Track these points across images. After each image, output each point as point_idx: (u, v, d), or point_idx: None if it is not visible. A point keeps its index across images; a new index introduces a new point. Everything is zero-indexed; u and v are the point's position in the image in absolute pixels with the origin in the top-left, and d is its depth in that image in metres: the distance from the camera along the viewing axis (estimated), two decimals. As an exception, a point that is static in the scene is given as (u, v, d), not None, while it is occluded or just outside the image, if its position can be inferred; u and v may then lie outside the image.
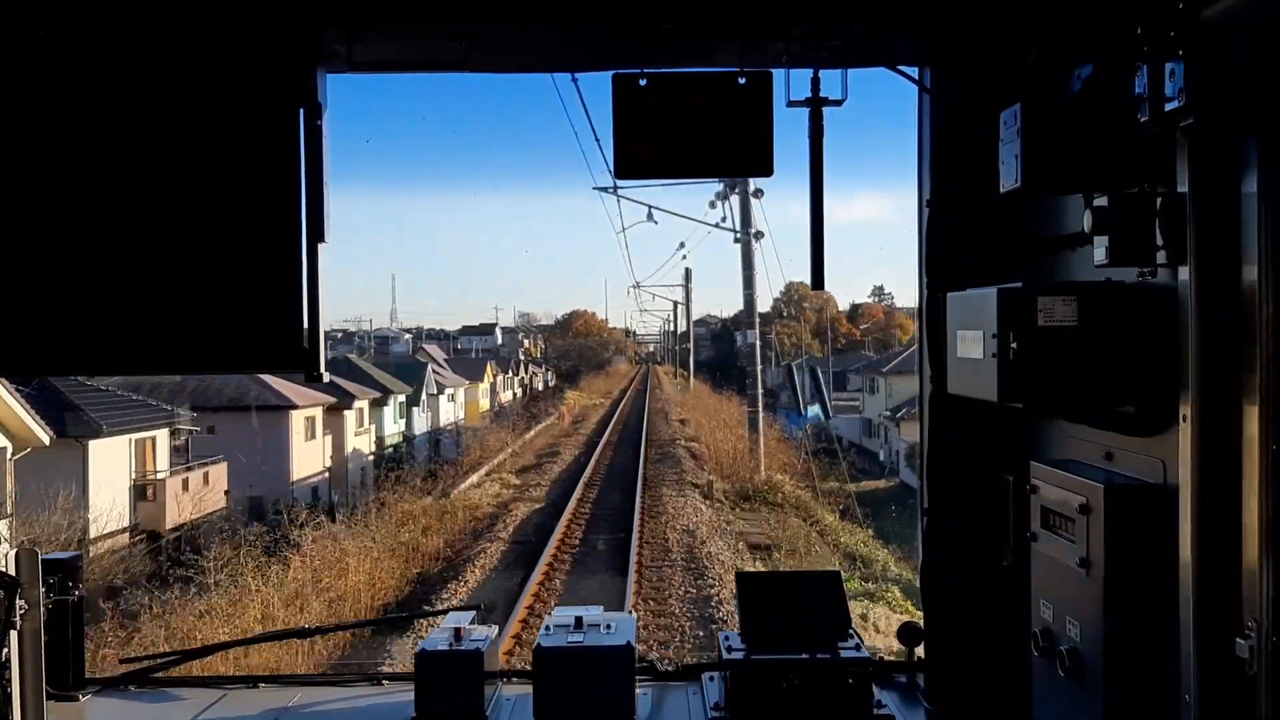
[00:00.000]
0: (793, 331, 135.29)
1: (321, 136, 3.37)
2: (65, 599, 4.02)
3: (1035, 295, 2.97)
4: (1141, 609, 2.87)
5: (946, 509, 3.92)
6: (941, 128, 3.87)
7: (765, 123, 3.68)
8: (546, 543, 24.04)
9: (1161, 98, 2.65)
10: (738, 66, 3.67)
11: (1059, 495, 3.19)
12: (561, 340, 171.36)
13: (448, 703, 3.71)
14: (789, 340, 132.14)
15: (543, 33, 3.61)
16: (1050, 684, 3.24)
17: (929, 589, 3.99)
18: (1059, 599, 3.20)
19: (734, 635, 3.85)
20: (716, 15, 3.45)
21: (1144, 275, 2.91)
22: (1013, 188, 3.10)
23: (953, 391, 3.47)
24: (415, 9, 3.38)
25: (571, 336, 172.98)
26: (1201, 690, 2.68)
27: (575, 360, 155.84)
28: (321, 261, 3.43)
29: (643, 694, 3.93)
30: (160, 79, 3.35)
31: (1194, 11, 2.58)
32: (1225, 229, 2.64)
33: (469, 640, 3.79)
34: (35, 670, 3.67)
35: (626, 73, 3.67)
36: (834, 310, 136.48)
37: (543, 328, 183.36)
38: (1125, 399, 2.97)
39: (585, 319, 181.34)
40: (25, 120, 3.31)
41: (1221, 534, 2.65)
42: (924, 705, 4.01)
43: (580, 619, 3.94)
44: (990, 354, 3.06)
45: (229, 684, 4.37)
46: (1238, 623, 2.62)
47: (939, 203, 3.86)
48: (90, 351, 3.43)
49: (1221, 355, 2.66)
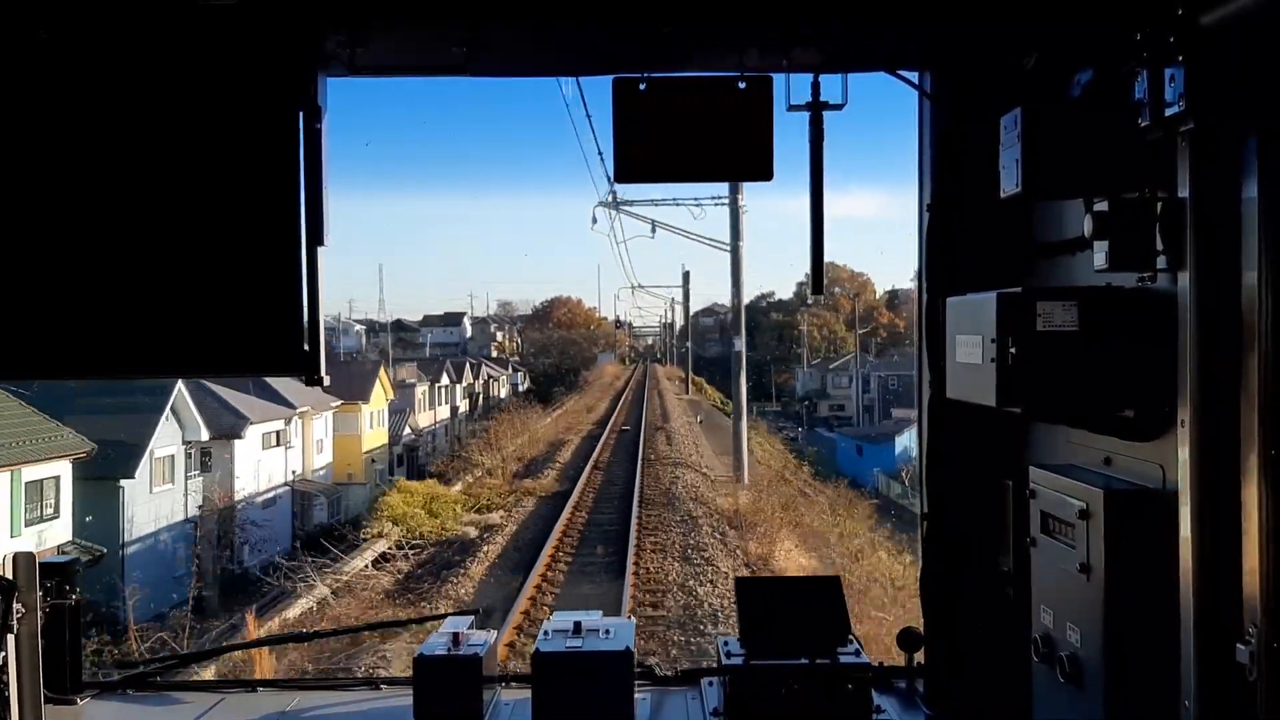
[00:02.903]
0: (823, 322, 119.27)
1: (321, 140, 3.39)
2: (62, 603, 4.05)
3: (1035, 300, 2.98)
4: (1141, 614, 2.88)
5: (946, 514, 3.93)
6: (941, 132, 3.89)
7: (765, 127, 3.70)
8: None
9: (1161, 102, 2.67)
10: (738, 70, 3.69)
11: (1058, 500, 3.19)
12: (539, 333, 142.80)
13: (446, 708, 3.73)
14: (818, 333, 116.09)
15: (543, 36, 3.64)
16: (1050, 689, 3.24)
17: (929, 594, 3.98)
18: (1059, 604, 3.21)
19: (733, 640, 3.84)
20: (717, 19, 3.47)
21: (1144, 280, 2.93)
22: (1013, 192, 3.11)
23: (952, 396, 3.46)
24: (416, 12, 3.38)
25: (552, 328, 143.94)
26: (1201, 696, 2.69)
27: (557, 358, 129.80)
28: (321, 265, 3.45)
29: (641, 699, 3.95)
30: (161, 82, 3.38)
31: (1194, 16, 2.59)
32: (1225, 234, 2.65)
33: (468, 645, 3.81)
34: (33, 674, 3.69)
35: (627, 76, 3.70)
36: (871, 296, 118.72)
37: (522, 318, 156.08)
38: (1125, 404, 2.97)
39: (569, 307, 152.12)
40: (26, 123, 3.33)
41: (1221, 539, 2.66)
42: (924, 711, 4.01)
43: (579, 624, 3.91)
44: (989, 359, 3.06)
45: (227, 688, 4.41)
46: (1238, 628, 2.62)
47: (939, 207, 3.87)
48: (91, 355, 3.44)
49: (1221, 360, 2.67)
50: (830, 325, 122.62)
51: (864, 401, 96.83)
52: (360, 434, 56.79)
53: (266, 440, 45.24)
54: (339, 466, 54.74)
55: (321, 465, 52.88)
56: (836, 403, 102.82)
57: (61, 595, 4.03)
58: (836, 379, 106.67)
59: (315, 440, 52.00)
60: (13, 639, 3.61)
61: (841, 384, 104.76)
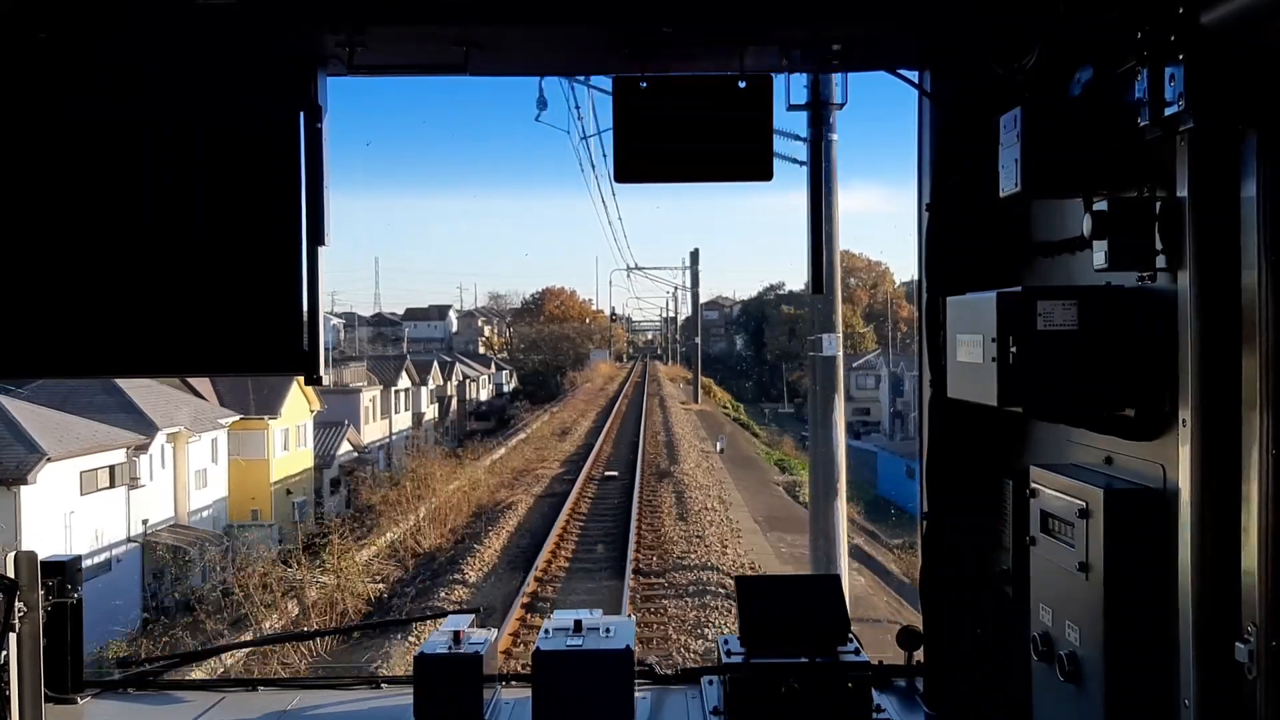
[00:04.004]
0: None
1: (321, 139, 3.41)
2: (64, 601, 4.01)
3: (1035, 299, 2.98)
4: (1141, 613, 2.87)
5: (946, 513, 3.92)
6: (941, 131, 3.88)
7: (765, 127, 3.70)
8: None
9: (1161, 102, 2.67)
10: (738, 70, 3.68)
11: (1059, 499, 3.19)
12: (530, 327, 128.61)
13: (446, 706, 3.71)
14: None
15: (543, 36, 3.62)
16: (1049, 688, 3.23)
17: (929, 593, 3.98)
18: (1058, 603, 3.20)
19: (733, 639, 3.83)
20: (717, 19, 3.47)
21: (1143, 279, 2.93)
22: (1012, 192, 3.10)
23: (953, 396, 3.46)
24: (415, 12, 3.38)
25: (543, 321, 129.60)
26: (1201, 695, 2.69)
27: (548, 354, 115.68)
28: (321, 264, 3.48)
29: (642, 698, 3.94)
30: (161, 82, 3.39)
31: (1193, 16, 2.59)
32: (1225, 233, 2.65)
33: (468, 644, 3.79)
34: (34, 672, 3.68)
35: (627, 76, 3.70)
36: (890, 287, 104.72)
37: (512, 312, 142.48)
38: (1125, 403, 2.97)
39: (561, 299, 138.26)
40: (25, 124, 3.34)
41: (1221, 538, 2.66)
42: (923, 709, 4.00)
43: (579, 622, 3.89)
44: (990, 358, 3.05)
45: (227, 687, 4.37)
46: (1237, 627, 2.62)
47: (939, 206, 3.87)
48: (92, 354, 3.45)
49: (1221, 359, 2.67)
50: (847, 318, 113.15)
51: (896, 406, 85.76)
52: (269, 458, 43.06)
53: (89, 481, 31.35)
54: (238, 503, 41.16)
55: (207, 504, 39.16)
56: (861, 406, 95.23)
57: (63, 594, 3.98)
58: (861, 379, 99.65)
59: (195, 471, 38.27)
60: (14, 638, 3.61)
61: (867, 385, 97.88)
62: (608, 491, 30.44)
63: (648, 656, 13.20)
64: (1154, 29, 2.64)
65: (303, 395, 45.94)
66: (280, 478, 44.03)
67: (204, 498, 38.98)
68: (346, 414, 54.59)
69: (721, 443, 40.06)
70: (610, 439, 45.51)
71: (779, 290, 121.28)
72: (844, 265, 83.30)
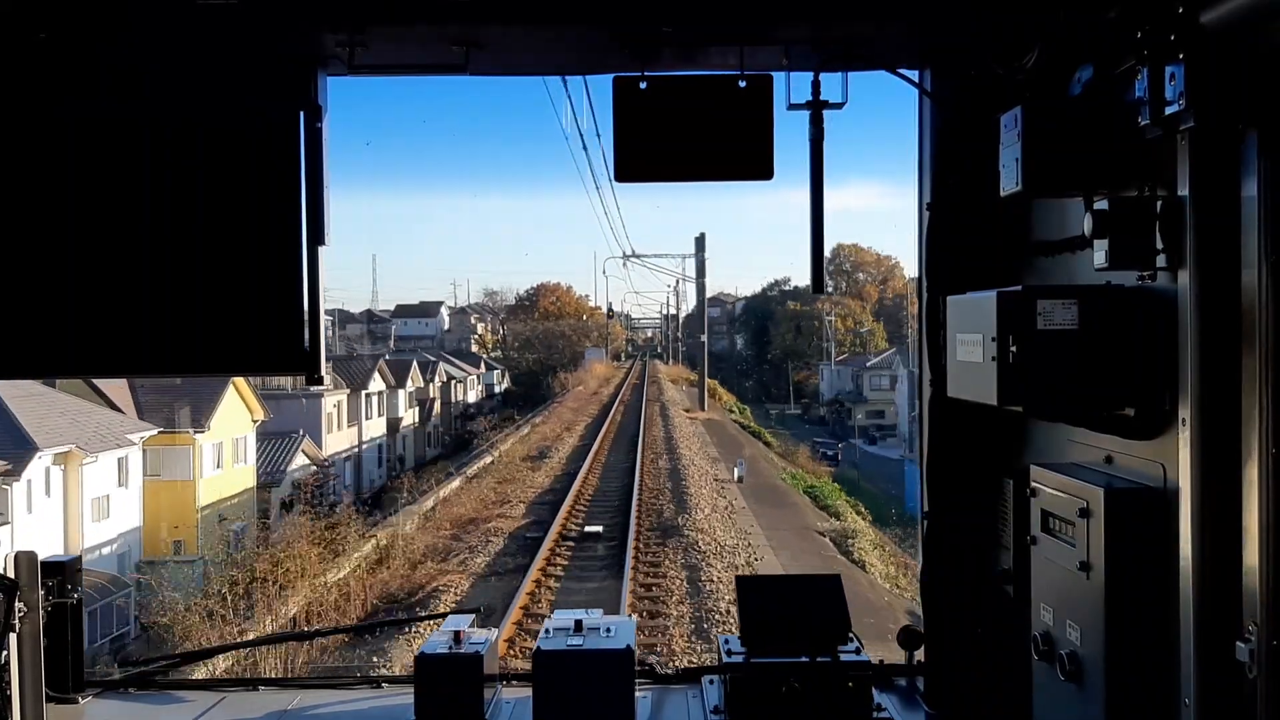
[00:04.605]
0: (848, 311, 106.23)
1: (321, 139, 3.43)
2: (64, 601, 4.03)
3: (1035, 298, 2.98)
4: (1141, 612, 2.87)
5: (947, 513, 3.92)
6: (941, 130, 3.90)
7: (765, 126, 3.72)
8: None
9: (1161, 101, 2.67)
10: (738, 70, 3.70)
11: (1059, 499, 3.19)
12: (523, 324, 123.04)
13: (447, 706, 3.72)
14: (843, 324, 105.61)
15: (543, 36, 3.64)
16: (1050, 687, 3.23)
17: (929, 592, 3.99)
18: (1059, 602, 3.20)
19: (734, 638, 3.83)
20: (717, 18, 3.49)
21: (1144, 279, 2.93)
22: (1013, 191, 3.11)
23: (953, 395, 3.46)
24: (415, 12, 3.39)
25: (538, 318, 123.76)
26: (1201, 694, 2.69)
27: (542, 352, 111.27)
28: (322, 264, 3.49)
29: (642, 697, 3.96)
30: (161, 83, 3.40)
31: (1194, 15, 2.60)
32: (1225, 232, 2.65)
33: (469, 643, 3.80)
34: (34, 672, 3.70)
35: (627, 76, 3.71)
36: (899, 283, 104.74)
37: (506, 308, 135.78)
38: (1125, 402, 2.97)
39: (557, 295, 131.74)
40: (25, 125, 3.35)
41: (1221, 537, 2.66)
42: (924, 709, 4.02)
43: (580, 622, 3.91)
44: (990, 357, 3.05)
45: (228, 686, 4.38)
46: (1237, 626, 2.62)
47: (939, 206, 3.88)
48: (93, 354, 3.45)
49: (1221, 359, 2.67)
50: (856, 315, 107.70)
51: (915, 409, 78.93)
52: (195, 478, 36.26)
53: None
54: (155, 533, 34.40)
55: (110, 538, 32.40)
56: (875, 408, 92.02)
57: (63, 594, 4.01)
58: (875, 379, 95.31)
59: (93, 498, 31.50)
60: (14, 638, 3.63)
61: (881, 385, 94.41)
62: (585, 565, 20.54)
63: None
64: (1154, 28, 2.67)
65: (243, 403, 39.21)
66: (211, 501, 37.21)
67: (106, 530, 32.35)
68: (305, 423, 47.84)
69: (740, 469, 31.78)
70: (599, 462, 36.33)
71: (784, 286, 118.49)
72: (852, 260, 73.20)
